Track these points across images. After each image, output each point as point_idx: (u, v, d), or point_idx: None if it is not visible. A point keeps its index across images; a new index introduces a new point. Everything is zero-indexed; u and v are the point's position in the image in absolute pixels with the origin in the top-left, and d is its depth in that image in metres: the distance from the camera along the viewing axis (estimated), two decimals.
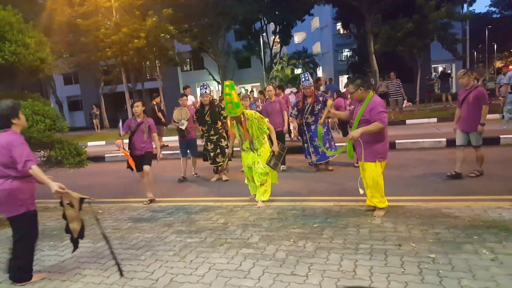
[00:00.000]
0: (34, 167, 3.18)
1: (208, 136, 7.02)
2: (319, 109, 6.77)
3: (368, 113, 4.15)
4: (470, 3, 20.88)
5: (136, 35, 17.55)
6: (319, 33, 44.12)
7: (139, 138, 5.93)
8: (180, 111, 7.24)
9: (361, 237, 3.71)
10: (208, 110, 6.91)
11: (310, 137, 6.91)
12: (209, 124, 6.93)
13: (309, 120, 6.90)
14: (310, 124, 6.89)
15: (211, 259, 3.50)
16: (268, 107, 7.55)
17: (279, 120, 7.42)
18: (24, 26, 5.66)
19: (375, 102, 4.18)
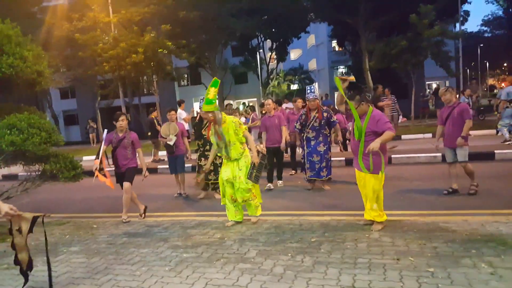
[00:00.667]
0: None
1: (204, 151, 6.74)
2: (321, 125, 6.53)
3: (374, 125, 4.21)
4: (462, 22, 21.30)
5: (134, 50, 17.70)
6: (315, 50, 44.72)
7: (121, 154, 5.63)
8: (168, 126, 7.00)
9: (359, 251, 3.67)
10: (206, 124, 6.61)
11: (308, 153, 6.64)
12: (205, 138, 6.66)
13: (310, 135, 6.61)
14: (311, 139, 6.61)
15: (208, 275, 3.45)
16: (267, 122, 7.32)
17: (277, 136, 7.19)
18: (22, 39, 5.68)
19: (379, 114, 4.31)
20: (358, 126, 4.29)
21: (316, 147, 6.52)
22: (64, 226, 5.61)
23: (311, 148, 6.56)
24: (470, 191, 5.61)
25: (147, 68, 19.54)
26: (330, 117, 6.53)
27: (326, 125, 6.57)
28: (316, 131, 6.53)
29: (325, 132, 6.58)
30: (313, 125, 6.53)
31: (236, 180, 4.82)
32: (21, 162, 5.70)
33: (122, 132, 5.69)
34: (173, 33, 19.71)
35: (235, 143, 4.79)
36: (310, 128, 6.56)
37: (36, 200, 5.89)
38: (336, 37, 30.31)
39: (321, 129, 6.53)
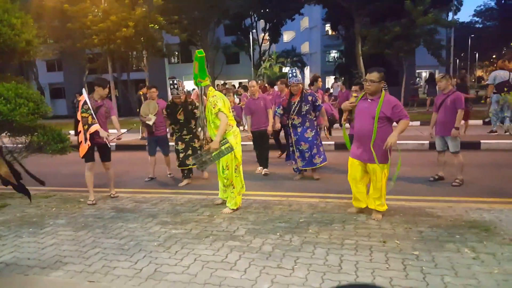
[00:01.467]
0: None
1: (181, 135, 6.32)
2: (307, 110, 6.09)
3: (389, 111, 3.90)
4: (455, 12, 21.30)
5: (125, 24, 17.27)
6: (308, 33, 44.37)
7: (100, 123, 5.15)
8: (148, 105, 6.55)
9: (347, 233, 3.74)
10: (180, 108, 6.18)
11: (295, 141, 6.16)
12: (181, 123, 6.25)
13: (296, 121, 6.15)
14: (297, 126, 6.14)
15: (197, 251, 3.47)
16: (251, 105, 6.89)
17: (263, 119, 6.80)
18: (10, 6, 5.48)
19: (395, 100, 3.99)
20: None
21: (304, 133, 6.12)
22: (51, 199, 5.56)
23: (298, 136, 6.13)
24: (454, 183, 5.57)
25: (137, 43, 19.14)
26: (315, 101, 6.11)
27: (311, 109, 6.16)
28: (301, 116, 6.11)
29: (310, 117, 6.16)
30: (298, 110, 6.08)
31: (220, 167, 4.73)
32: (6, 133, 5.58)
33: (101, 99, 5.30)
34: (165, 8, 19.23)
35: (213, 122, 4.57)
36: (295, 114, 6.11)
37: (23, 172, 5.79)
38: (329, 20, 30.09)
39: (306, 114, 6.11)
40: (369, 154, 3.97)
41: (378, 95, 3.99)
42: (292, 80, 6.05)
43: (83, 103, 5.01)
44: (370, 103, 4.00)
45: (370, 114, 3.96)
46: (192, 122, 6.30)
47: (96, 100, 5.26)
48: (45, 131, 5.50)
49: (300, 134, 6.11)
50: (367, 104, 4.02)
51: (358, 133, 4.11)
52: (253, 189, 5.82)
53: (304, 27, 45.53)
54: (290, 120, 6.18)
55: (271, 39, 33.15)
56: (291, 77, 6.06)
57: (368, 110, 3.99)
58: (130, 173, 7.51)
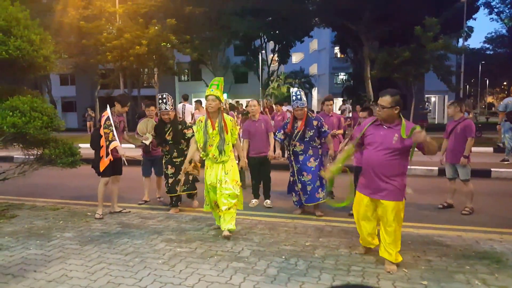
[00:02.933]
0: None
1: (171, 158, 5.68)
2: (311, 136, 5.38)
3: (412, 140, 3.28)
4: (466, 38, 21.47)
5: (138, 41, 17.69)
6: (316, 55, 44.87)
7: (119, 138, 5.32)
8: (146, 123, 6.01)
9: (353, 259, 3.69)
10: (170, 128, 5.64)
11: (298, 170, 5.43)
12: (170, 144, 5.68)
13: (297, 148, 5.43)
14: (298, 153, 5.43)
15: (201, 271, 3.45)
16: (250, 127, 6.15)
17: (263, 144, 6.08)
18: (30, 22, 5.64)
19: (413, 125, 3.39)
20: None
21: (306, 162, 5.38)
22: (59, 212, 5.59)
23: (300, 164, 5.41)
24: (464, 212, 5.51)
25: (149, 60, 19.54)
26: (321, 126, 5.42)
27: (316, 135, 5.46)
28: (304, 143, 5.40)
29: (315, 144, 5.46)
30: (301, 137, 5.38)
31: (222, 185, 4.35)
32: (19, 145, 5.67)
33: (120, 116, 5.49)
34: (177, 28, 19.73)
35: (228, 143, 4.41)
36: (297, 140, 5.42)
37: (32, 184, 5.87)
38: (338, 43, 30.51)
39: (310, 141, 5.41)
40: (382, 189, 3.40)
41: (396, 122, 3.40)
42: (296, 104, 5.36)
43: (106, 119, 5.13)
44: (387, 131, 3.41)
45: (386, 143, 3.38)
46: (182, 143, 5.69)
47: (117, 115, 5.40)
48: (57, 144, 5.58)
49: (302, 163, 5.39)
50: (383, 132, 3.43)
51: (370, 164, 3.48)
52: (258, 210, 5.81)
53: (313, 49, 46.08)
54: (291, 147, 5.51)
55: (280, 60, 33.55)
56: (295, 100, 5.37)
57: (384, 139, 3.40)
58: (137, 189, 7.53)
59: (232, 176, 4.40)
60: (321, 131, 5.43)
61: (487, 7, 30.91)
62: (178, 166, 5.61)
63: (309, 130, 5.37)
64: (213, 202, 4.55)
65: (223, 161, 4.40)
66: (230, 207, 4.35)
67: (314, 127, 5.39)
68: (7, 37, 4.98)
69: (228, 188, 4.34)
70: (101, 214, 5.30)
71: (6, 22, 5.06)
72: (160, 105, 5.62)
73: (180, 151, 5.68)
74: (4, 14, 5.09)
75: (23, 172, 5.58)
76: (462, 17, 20.11)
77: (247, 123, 6.31)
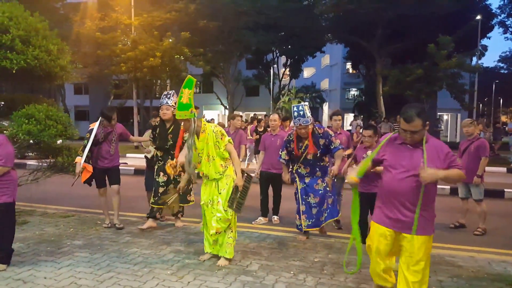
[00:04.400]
0: None
1: (164, 164, 4.87)
2: (319, 156, 4.74)
3: (439, 160, 2.76)
4: (480, 56, 21.38)
5: (152, 53, 17.97)
6: (328, 70, 44.99)
7: (105, 150, 5.14)
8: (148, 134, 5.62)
9: (363, 277, 3.64)
10: (171, 128, 5.04)
11: (303, 190, 4.85)
12: (167, 148, 5.04)
13: (302, 171, 4.85)
14: (304, 175, 4.86)
15: (209, 283, 3.44)
16: (267, 140, 5.93)
17: (275, 160, 5.45)
18: (49, 33, 5.80)
19: (443, 145, 2.88)
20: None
21: (313, 185, 4.80)
22: (69, 219, 5.63)
23: (306, 186, 4.85)
24: (476, 232, 5.42)
25: (162, 72, 19.79)
26: (329, 144, 4.71)
27: (324, 155, 4.82)
28: (310, 165, 4.80)
29: (322, 164, 4.85)
30: (306, 159, 4.76)
31: (214, 206, 3.87)
32: (33, 152, 5.77)
33: (111, 126, 5.22)
34: (191, 41, 20.02)
35: (214, 159, 3.86)
36: (301, 162, 4.82)
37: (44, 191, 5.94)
38: (351, 59, 30.60)
39: (317, 162, 4.79)
40: (405, 220, 2.82)
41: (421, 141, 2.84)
42: (298, 122, 4.60)
43: (87, 131, 5.12)
44: (413, 152, 2.82)
45: (412, 166, 2.77)
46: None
47: (106, 127, 5.19)
48: (70, 153, 5.66)
49: (309, 185, 4.82)
50: (409, 152, 2.84)
51: (393, 192, 2.86)
52: (267, 223, 5.78)
53: (325, 64, 46.25)
54: (296, 166, 4.90)
55: (291, 74, 33.72)
56: (297, 116, 4.59)
57: (411, 161, 2.80)
58: (142, 199, 7.55)
59: (226, 196, 3.86)
60: (330, 148, 4.73)
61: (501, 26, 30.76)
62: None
63: (316, 150, 4.70)
64: (208, 223, 4.00)
65: (215, 179, 3.91)
66: (220, 231, 3.87)
67: (321, 146, 4.71)
68: (26, 46, 5.12)
69: (219, 210, 3.83)
70: (108, 223, 5.31)
71: (26, 32, 5.20)
72: (161, 100, 5.05)
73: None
74: (24, 25, 5.24)
75: (36, 179, 5.66)
76: (476, 36, 20.06)
77: (265, 136, 6.19)
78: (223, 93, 29.42)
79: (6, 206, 3.58)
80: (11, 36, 4.93)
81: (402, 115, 2.77)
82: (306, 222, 4.81)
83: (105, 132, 5.17)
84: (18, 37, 5.02)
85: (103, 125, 5.17)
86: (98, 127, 5.11)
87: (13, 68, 4.87)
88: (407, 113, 2.75)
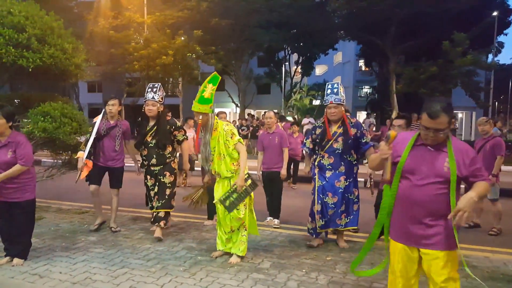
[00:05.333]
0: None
1: (149, 165, 4.64)
2: (345, 147, 4.23)
3: (464, 167, 2.33)
4: (496, 53, 20.96)
5: (165, 52, 18.10)
6: (341, 68, 44.67)
7: (108, 145, 4.77)
8: None
9: (375, 276, 3.59)
10: (154, 127, 4.58)
11: (320, 188, 4.32)
12: (150, 148, 4.58)
13: (325, 161, 4.29)
14: (326, 167, 4.30)
15: (221, 280, 3.46)
16: (264, 139, 5.73)
17: (275, 158, 5.53)
18: (64, 32, 5.89)
19: (469, 148, 2.44)
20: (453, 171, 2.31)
21: (334, 181, 4.25)
22: (84, 215, 5.73)
23: (326, 182, 4.29)
24: (491, 232, 5.36)
25: (175, 70, 19.93)
26: (361, 136, 4.28)
27: (353, 147, 4.30)
28: (335, 156, 4.26)
29: (349, 159, 4.30)
30: (332, 147, 4.26)
31: None
32: (48, 149, 5.87)
33: (113, 120, 4.88)
34: (203, 39, 20.10)
35: (225, 157, 3.84)
36: (326, 151, 4.29)
37: (59, 187, 6.05)
38: (363, 56, 30.29)
39: (344, 154, 4.25)
40: (428, 235, 2.40)
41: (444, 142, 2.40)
42: (329, 99, 4.16)
43: (91, 124, 4.93)
44: (434, 154, 2.40)
45: (434, 171, 2.36)
46: (167, 148, 4.63)
47: (109, 121, 4.86)
48: None
49: (329, 181, 4.28)
50: (429, 155, 2.40)
51: (411, 202, 2.42)
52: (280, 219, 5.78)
53: (337, 62, 45.92)
54: (318, 157, 4.39)
55: (303, 72, 33.58)
56: (329, 94, 4.19)
57: (432, 166, 2.38)
58: None
59: (236, 194, 3.83)
60: (360, 142, 4.29)
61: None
62: (156, 176, 4.64)
63: (345, 139, 4.23)
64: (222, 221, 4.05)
65: (227, 177, 3.91)
66: (234, 229, 3.91)
67: (350, 137, 4.23)
68: (41, 45, 5.20)
69: (240, 211, 3.86)
70: (97, 224, 4.96)
71: (41, 31, 5.29)
72: (146, 94, 4.60)
73: (160, 157, 4.58)
74: (39, 23, 5.33)
75: (51, 176, 5.76)
76: (493, 32, 19.68)
77: (262, 135, 5.95)
78: (234, 91, 29.45)
79: (29, 203, 3.71)
80: (27, 35, 5.02)
81: (426, 111, 2.35)
82: (320, 222, 4.35)
83: (108, 126, 4.80)
84: (34, 36, 5.11)
85: (106, 118, 4.86)
86: (101, 120, 4.80)
87: (29, 67, 4.96)
88: (432, 108, 2.33)
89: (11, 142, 3.55)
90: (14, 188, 3.58)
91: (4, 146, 3.54)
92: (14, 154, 3.53)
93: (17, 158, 3.53)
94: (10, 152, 3.53)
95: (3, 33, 4.86)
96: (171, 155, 4.70)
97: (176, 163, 4.86)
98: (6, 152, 3.52)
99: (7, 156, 3.51)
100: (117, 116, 4.90)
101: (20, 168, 3.55)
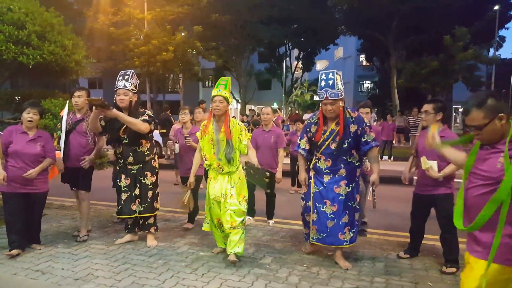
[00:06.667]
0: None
1: (125, 164, 4.10)
2: (345, 148, 3.59)
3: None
4: (497, 48, 20.89)
5: (165, 48, 18.08)
6: (341, 63, 44.54)
7: (76, 141, 4.22)
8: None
9: (377, 270, 3.63)
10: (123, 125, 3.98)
11: (316, 194, 3.72)
12: (125, 144, 4.03)
13: (322, 164, 3.69)
14: (323, 171, 3.69)
15: (223, 275, 3.47)
16: (259, 138, 5.22)
17: (269, 159, 5.08)
18: (64, 28, 5.87)
19: None
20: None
21: (333, 186, 3.64)
22: None
23: (323, 188, 3.68)
24: None
25: (175, 66, 19.92)
26: (362, 134, 3.60)
27: (354, 147, 3.66)
28: (333, 157, 3.64)
29: (350, 160, 3.67)
30: (329, 147, 3.63)
31: (226, 200, 3.69)
32: None
33: (80, 113, 4.32)
34: (203, 35, 20.09)
35: (235, 152, 3.73)
36: (322, 153, 3.68)
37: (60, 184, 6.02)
38: (365, 51, 30.24)
39: (343, 155, 3.63)
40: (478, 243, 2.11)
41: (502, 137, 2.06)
42: (323, 95, 3.54)
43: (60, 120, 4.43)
44: (486, 154, 2.11)
45: (488, 173, 2.06)
46: (143, 143, 4.08)
47: (75, 114, 4.34)
48: None
49: (327, 186, 3.66)
50: (483, 154, 2.13)
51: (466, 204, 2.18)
52: (279, 217, 5.79)
53: (338, 57, 45.79)
54: (314, 159, 3.78)
55: (304, 67, 33.53)
56: (323, 87, 3.56)
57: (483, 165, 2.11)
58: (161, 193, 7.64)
59: (239, 189, 3.73)
60: (360, 140, 3.62)
61: None
62: (135, 176, 4.11)
63: (344, 138, 3.59)
64: (216, 220, 3.89)
65: (229, 172, 3.74)
66: (235, 226, 3.67)
67: (351, 134, 3.60)
68: (41, 42, 5.19)
69: (233, 203, 3.67)
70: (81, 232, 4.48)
71: (41, 27, 5.27)
72: (117, 82, 4.07)
73: (138, 155, 4.07)
74: (39, 20, 5.31)
75: None
76: (494, 27, 19.60)
77: (256, 132, 5.48)
78: (235, 87, 29.40)
79: (46, 193, 4.11)
80: (28, 31, 5.01)
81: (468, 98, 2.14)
82: (315, 234, 3.73)
83: (74, 120, 4.28)
84: (34, 33, 5.10)
85: (72, 112, 4.34)
86: (68, 114, 4.26)
87: (29, 63, 4.95)
88: (466, 103, 2.11)
89: (39, 137, 3.92)
90: (39, 180, 3.92)
91: (33, 140, 3.88)
92: (42, 148, 3.89)
93: (45, 152, 3.91)
94: (39, 146, 3.88)
95: (3, 30, 4.85)
96: (150, 152, 4.15)
97: (157, 162, 4.32)
98: (35, 145, 3.87)
99: (37, 149, 3.87)
100: (85, 109, 4.31)
101: (50, 162, 3.97)
